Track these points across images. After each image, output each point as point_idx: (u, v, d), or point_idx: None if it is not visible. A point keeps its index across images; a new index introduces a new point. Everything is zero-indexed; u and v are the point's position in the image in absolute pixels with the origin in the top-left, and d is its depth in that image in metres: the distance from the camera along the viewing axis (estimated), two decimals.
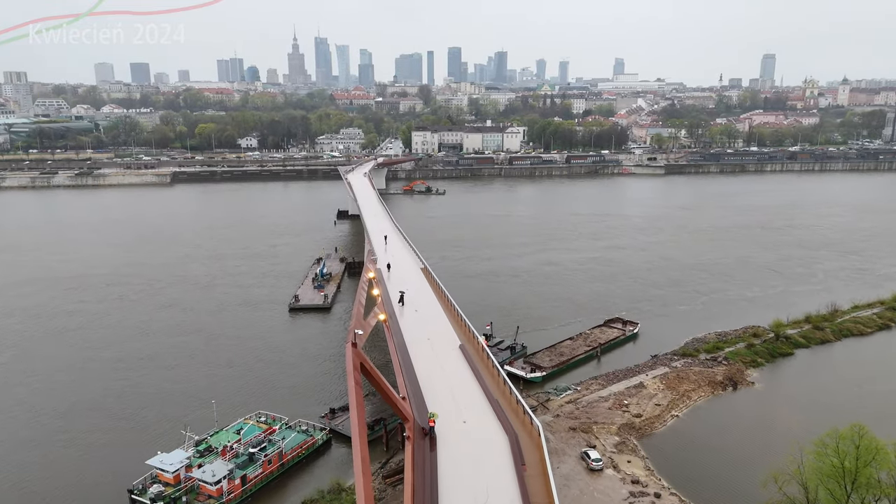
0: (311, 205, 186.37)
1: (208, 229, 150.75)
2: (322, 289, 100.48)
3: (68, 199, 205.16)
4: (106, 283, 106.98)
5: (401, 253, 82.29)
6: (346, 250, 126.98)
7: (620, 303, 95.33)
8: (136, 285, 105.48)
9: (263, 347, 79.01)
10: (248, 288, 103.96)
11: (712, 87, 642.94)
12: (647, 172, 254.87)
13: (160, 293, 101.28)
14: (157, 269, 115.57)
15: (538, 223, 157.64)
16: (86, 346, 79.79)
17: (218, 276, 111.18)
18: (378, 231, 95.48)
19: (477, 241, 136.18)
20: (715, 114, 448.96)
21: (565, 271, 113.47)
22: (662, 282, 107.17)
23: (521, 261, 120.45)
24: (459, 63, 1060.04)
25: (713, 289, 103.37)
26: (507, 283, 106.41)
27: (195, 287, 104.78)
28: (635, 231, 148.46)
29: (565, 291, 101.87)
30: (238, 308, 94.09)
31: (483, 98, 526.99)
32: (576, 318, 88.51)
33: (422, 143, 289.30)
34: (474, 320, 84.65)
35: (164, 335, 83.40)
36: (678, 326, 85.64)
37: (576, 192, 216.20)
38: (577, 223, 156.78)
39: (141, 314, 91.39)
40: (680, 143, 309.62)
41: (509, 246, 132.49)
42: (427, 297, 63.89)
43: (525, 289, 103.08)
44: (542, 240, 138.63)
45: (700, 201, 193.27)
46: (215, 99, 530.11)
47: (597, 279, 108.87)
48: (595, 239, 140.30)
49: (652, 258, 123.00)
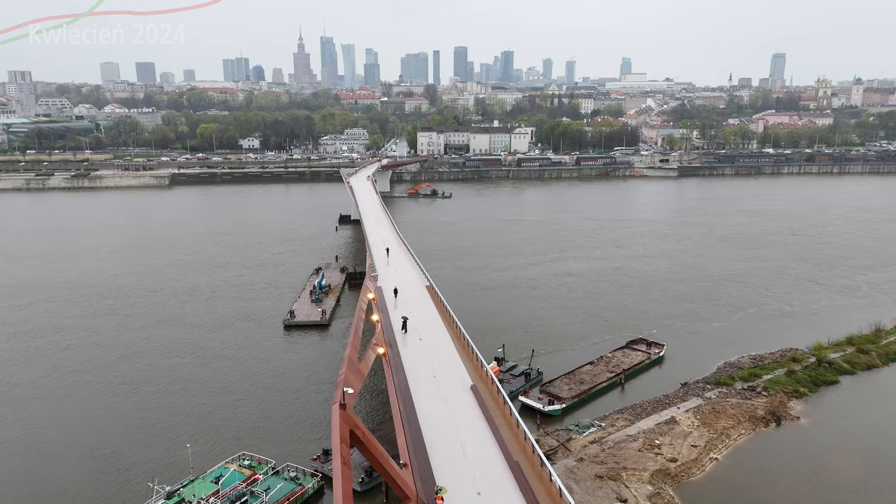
0: (312, 209, 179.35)
1: (209, 235, 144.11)
2: (320, 303, 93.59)
3: (64, 202, 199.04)
4: (101, 294, 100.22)
5: (404, 268, 75.17)
6: (348, 259, 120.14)
7: (645, 319, 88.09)
8: (133, 297, 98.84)
9: (258, 371, 71.99)
10: (249, 301, 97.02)
11: (722, 87, 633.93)
12: (659, 175, 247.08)
13: (157, 307, 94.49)
14: (154, 278, 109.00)
15: (554, 229, 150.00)
16: (71, 370, 72.78)
17: (219, 286, 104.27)
18: (380, 242, 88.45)
19: (489, 249, 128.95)
20: (726, 114, 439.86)
21: (587, 283, 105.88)
22: (691, 294, 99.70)
23: (537, 270, 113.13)
24: (465, 63, 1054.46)
25: (747, 302, 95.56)
26: (523, 295, 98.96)
27: (193, 299, 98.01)
28: (659, 238, 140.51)
29: (586, 305, 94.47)
30: (237, 324, 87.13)
31: (490, 98, 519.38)
32: (597, 338, 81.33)
33: (427, 143, 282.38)
34: (486, 338, 79.35)
35: (157, 356, 76.48)
36: (708, 348, 78.31)
37: (588, 196, 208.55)
38: (595, 229, 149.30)
39: (135, 331, 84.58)
40: (692, 144, 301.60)
41: (524, 254, 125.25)
42: (433, 322, 56.78)
43: (542, 302, 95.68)
44: (559, 247, 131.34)
45: (720, 205, 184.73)
46: (219, 99, 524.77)
47: (620, 291, 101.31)
48: (617, 246, 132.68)
49: (679, 268, 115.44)
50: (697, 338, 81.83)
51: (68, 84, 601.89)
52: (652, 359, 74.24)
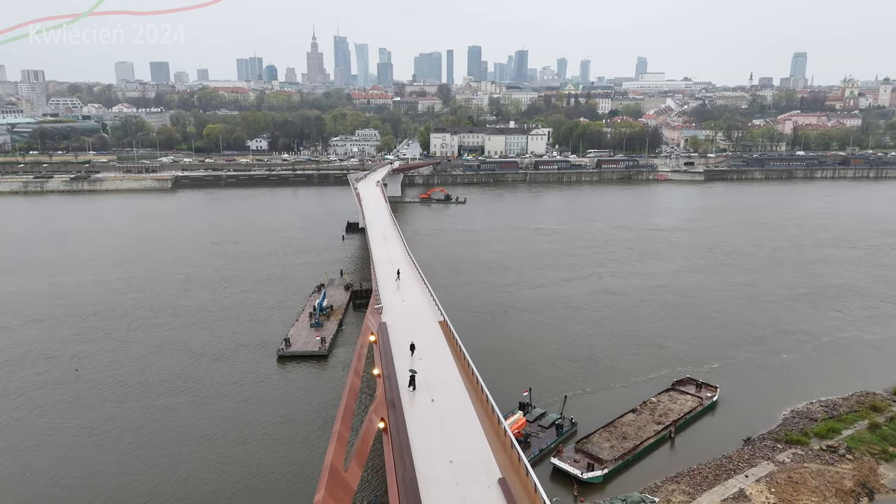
0: (319, 215, 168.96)
1: (214, 244, 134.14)
2: (320, 328, 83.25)
3: (62, 206, 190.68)
4: (98, 314, 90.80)
5: (414, 295, 64.41)
6: (354, 274, 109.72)
7: (702, 348, 77.51)
8: (132, 317, 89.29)
9: (244, 416, 61.82)
10: (257, 323, 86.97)
11: (743, 87, 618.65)
12: (685, 179, 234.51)
13: (157, 329, 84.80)
14: (156, 295, 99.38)
15: (585, 239, 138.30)
16: (51, 411, 62.77)
17: (225, 306, 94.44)
18: (387, 262, 77.74)
19: (518, 262, 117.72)
20: (748, 114, 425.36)
21: (631, 303, 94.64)
22: (753, 317, 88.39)
23: (574, 288, 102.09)
24: (479, 62, 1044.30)
25: (820, 328, 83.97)
26: (561, 318, 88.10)
27: (197, 320, 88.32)
28: (704, 250, 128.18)
29: (632, 331, 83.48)
30: (242, 351, 77.16)
31: (504, 97, 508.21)
32: (645, 372, 70.58)
33: (441, 145, 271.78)
34: (516, 374, 68.58)
35: (150, 393, 66.43)
36: (769, 390, 66.99)
37: (613, 201, 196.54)
38: (631, 240, 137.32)
39: (130, 361, 74.75)
40: (718, 146, 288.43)
41: (557, 268, 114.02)
42: (447, 373, 46.09)
43: (580, 327, 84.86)
44: (596, 260, 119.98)
45: (762, 213, 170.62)
46: (230, 98, 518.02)
47: (671, 314, 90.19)
48: (659, 260, 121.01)
49: (733, 285, 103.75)
50: (757, 376, 70.50)
51: (80, 83, 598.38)
52: (704, 405, 63.07)
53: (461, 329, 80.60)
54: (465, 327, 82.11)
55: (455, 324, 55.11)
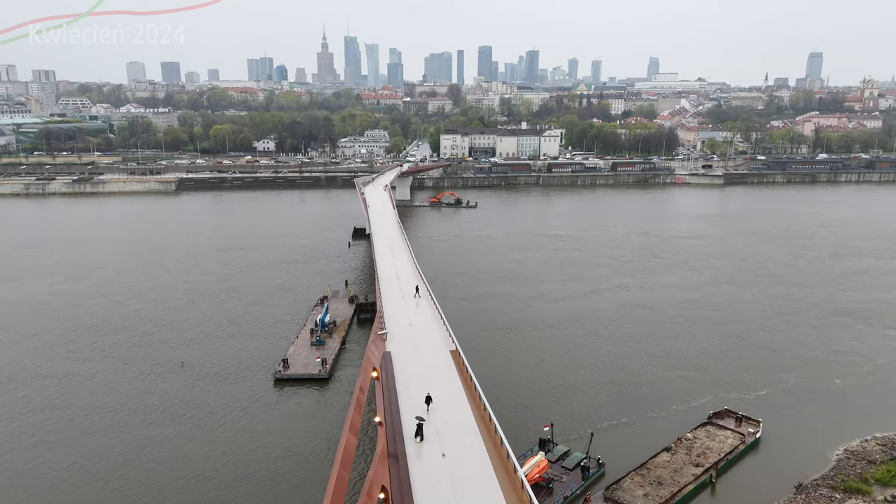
0: (326, 219, 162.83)
1: (220, 251, 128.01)
2: (321, 346, 77.28)
3: (64, 209, 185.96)
4: (98, 328, 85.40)
5: (424, 318, 57.98)
6: (360, 285, 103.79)
7: (739, 371, 71.06)
8: (133, 332, 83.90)
9: (238, 449, 56.01)
10: (262, 340, 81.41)
11: (758, 87, 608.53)
12: (703, 182, 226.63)
13: (158, 346, 79.17)
14: (160, 307, 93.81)
15: (608, 246, 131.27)
16: (34, 443, 57.21)
17: (233, 319, 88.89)
18: (392, 278, 71.34)
19: (541, 272, 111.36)
20: (765, 115, 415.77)
21: (665, 319, 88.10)
22: (800, 336, 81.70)
23: (602, 301, 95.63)
24: (490, 62, 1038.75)
25: (873, 348, 77.04)
26: (593, 336, 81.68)
27: (201, 335, 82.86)
28: (738, 260, 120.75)
29: (668, 350, 77.20)
30: (246, 374, 71.33)
31: (515, 98, 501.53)
32: (679, 400, 64.18)
33: (451, 146, 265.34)
34: (539, 406, 61.53)
35: (144, 422, 60.73)
36: (819, 423, 60.43)
37: (632, 206, 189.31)
38: (656, 248, 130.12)
39: (127, 383, 69.21)
40: (736, 148, 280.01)
41: (582, 279, 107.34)
42: (460, 418, 39.78)
43: (611, 346, 78.52)
44: (622, 270, 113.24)
45: (792, 220, 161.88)
46: (239, 98, 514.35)
47: (706, 332, 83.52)
48: (690, 270, 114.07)
49: (774, 299, 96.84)
50: (806, 405, 63.76)
51: (90, 83, 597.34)
52: (746, 442, 56.45)
53: (481, 347, 75.49)
54: (486, 346, 76.71)
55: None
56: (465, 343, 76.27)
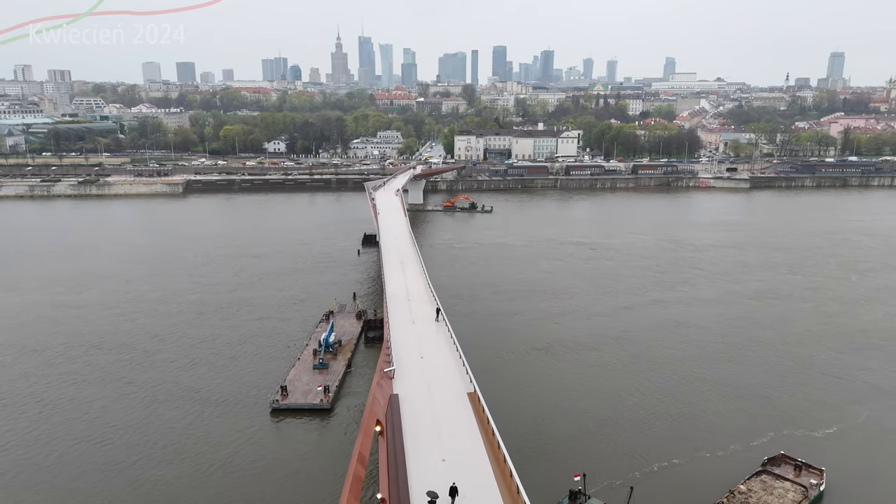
0: (335, 224, 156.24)
1: (231, 258, 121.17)
2: (324, 369, 70.48)
3: (69, 212, 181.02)
4: (101, 345, 78.90)
5: (438, 349, 50.93)
6: (368, 298, 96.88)
7: (805, 402, 63.51)
8: (137, 351, 77.39)
9: (230, 494, 49.47)
10: (268, 360, 74.76)
11: (780, 87, 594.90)
12: (728, 186, 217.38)
13: (162, 367, 72.48)
14: (167, 321, 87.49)
15: (638, 255, 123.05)
16: (15, 487, 51.04)
17: (242, 334, 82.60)
18: (402, 297, 64.30)
19: (566, 284, 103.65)
20: (787, 116, 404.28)
21: (709, 338, 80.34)
22: (863, 361, 73.36)
23: (636, 318, 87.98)
24: (504, 62, 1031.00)
25: None
26: (626, 361, 73.90)
27: (208, 354, 76.43)
28: (784, 272, 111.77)
29: (719, 377, 69.20)
30: (243, 400, 64.81)
31: (531, 98, 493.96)
32: (737, 437, 56.59)
33: (465, 148, 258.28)
34: (579, 444, 54.75)
35: (133, 464, 53.80)
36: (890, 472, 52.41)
37: (657, 212, 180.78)
38: (690, 258, 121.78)
39: (128, 410, 62.65)
40: (761, 150, 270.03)
41: (615, 292, 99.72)
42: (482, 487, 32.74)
43: (647, 371, 70.79)
44: (656, 281, 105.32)
45: (833, 226, 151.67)
46: (252, 98, 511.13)
47: (761, 354, 75.44)
48: (733, 282, 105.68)
49: (829, 317, 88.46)
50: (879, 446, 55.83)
51: (105, 84, 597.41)
52: (809, 497, 48.72)
53: (511, 372, 68.39)
54: (516, 370, 69.71)
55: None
56: (493, 367, 69.76)
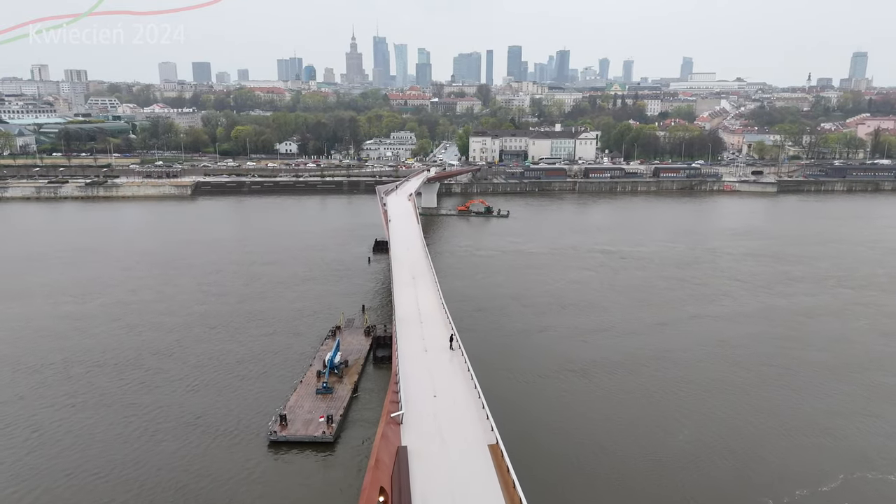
0: (347, 229, 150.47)
1: (243, 267, 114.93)
2: (328, 394, 64.36)
3: (76, 214, 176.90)
4: (102, 363, 73.17)
5: (452, 386, 44.59)
6: (378, 311, 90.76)
7: (868, 437, 56.46)
8: (139, 368, 71.64)
9: None
10: (276, 380, 68.84)
11: (802, 88, 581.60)
12: (755, 190, 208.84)
13: (158, 392, 66.18)
14: (172, 336, 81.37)
15: (677, 266, 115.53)
16: None
17: (250, 351, 76.87)
18: (413, 320, 57.98)
19: (596, 297, 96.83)
20: (811, 117, 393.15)
21: (758, 361, 72.80)
22: None
23: (676, 335, 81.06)
24: (520, 62, 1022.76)
25: None
26: (664, 386, 66.91)
27: (208, 375, 70.38)
28: (833, 285, 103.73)
29: (768, 405, 62.24)
30: (243, 429, 59.04)
31: (547, 98, 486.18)
32: (803, 481, 49.62)
33: (481, 150, 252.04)
34: (622, 491, 46.18)
35: None
36: None
37: (682, 217, 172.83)
38: (732, 268, 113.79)
39: (120, 451, 55.93)
40: (787, 153, 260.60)
41: (648, 305, 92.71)
42: None
43: (696, 397, 63.90)
44: (699, 295, 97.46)
45: (874, 235, 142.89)
46: (266, 98, 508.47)
47: (813, 381, 68.23)
48: (776, 295, 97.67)
49: (890, 337, 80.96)
50: None
51: (120, 83, 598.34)
52: None
53: (542, 404, 60.80)
54: (548, 399, 63.01)
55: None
56: (520, 396, 62.96)
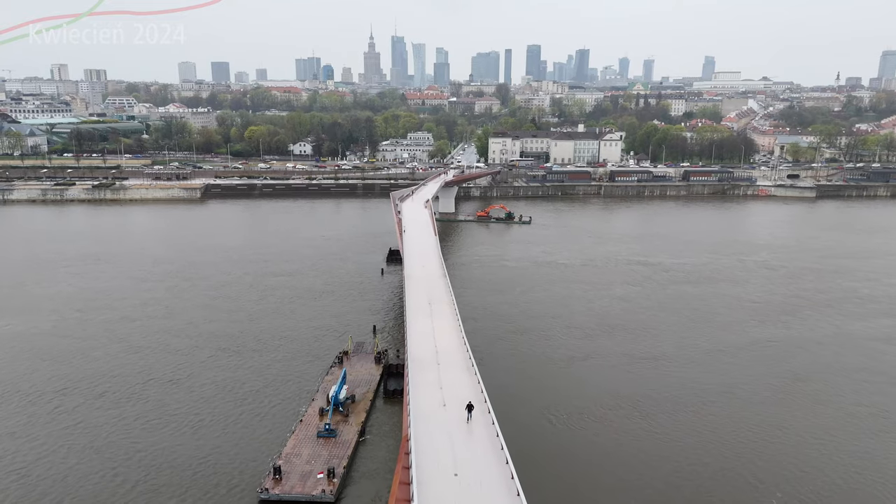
0: (360, 235, 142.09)
1: (256, 278, 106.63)
2: (331, 438, 55.91)
3: (81, 218, 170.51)
4: (101, 394, 65.60)
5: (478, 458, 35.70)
6: (391, 333, 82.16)
7: None
8: (137, 399, 64.56)
9: None
10: (284, 419, 60.69)
11: (832, 87, 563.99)
12: (793, 195, 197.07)
13: (164, 436, 58.17)
14: (178, 360, 73.96)
15: (730, 281, 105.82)
16: None
17: (263, 379, 69.20)
18: (429, 362, 48.97)
19: (647, 318, 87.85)
20: (843, 117, 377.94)
21: (843, 401, 64.11)
22: None
23: (741, 365, 72.09)
24: (538, 61, 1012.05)
25: None
26: (740, 433, 57.58)
27: (213, 410, 62.49)
28: None
29: (860, 467, 52.81)
30: (236, 483, 50.87)
31: (567, 98, 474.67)
32: None
33: (500, 151, 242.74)
34: None
35: None
36: None
37: (718, 224, 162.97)
38: (795, 286, 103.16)
39: (110, 488, 49.61)
40: (822, 154, 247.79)
41: (705, 325, 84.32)
42: None
43: (781, 446, 55.11)
44: (763, 316, 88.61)
45: None
46: (282, 98, 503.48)
47: None
48: (847, 316, 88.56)
49: None
50: None
51: (138, 83, 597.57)
52: None
53: (594, 459, 52.37)
54: (600, 452, 54.19)
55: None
56: (571, 442, 54.05)
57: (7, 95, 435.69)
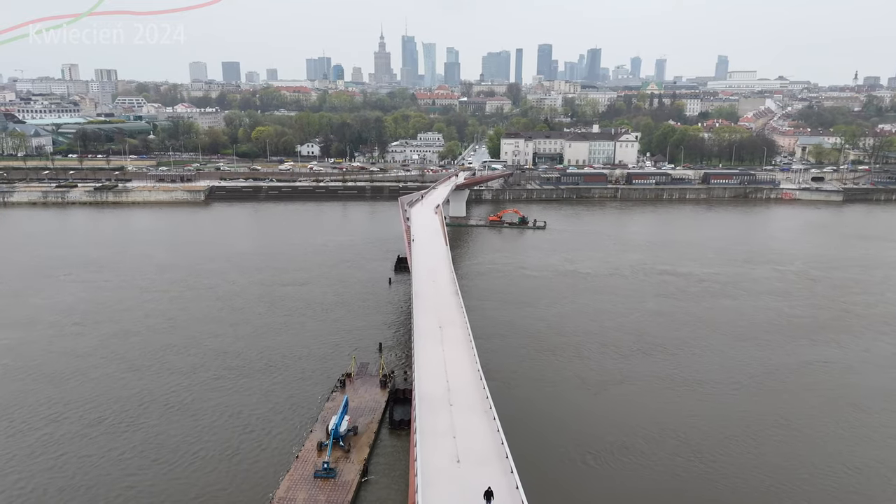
0: (369, 241, 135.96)
1: (265, 288, 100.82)
2: (329, 478, 49.84)
3: (83, 222, 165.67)
4: (99, 423, 59.90)
5: None
6: (398, 350, 76.03)
7: None
8: (135, 428, 59.13)
9: None
10: (283, 456, 54.85)
11: (850, 86, 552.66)
12: (818, 199, 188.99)
13: (152, 478, 52.07)
14: (181, 381, 68.61)
15: (770, 293, 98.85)
16: None
17: (271, 403, 63.62)
18: (440, 401, 42.49)
19: (681, 335, 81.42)
20: (864, 117, 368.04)
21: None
22: None
23: (784, 393, 65.47)
24: (550, 61, 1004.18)
25: None
26: (789, 481, 50.96)
27: (210, 440, 57.07)
28: None
29: None
30: None
31: (580, 98, 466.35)
32: None
33: (513, 152, 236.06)
34: None
35: None
36: None
37: (742, 229, 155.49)
38: (836, 298, 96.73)
39: None
40: (846, 156, 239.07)
41: (747, 342, 78.07)
42: None
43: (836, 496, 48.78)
44: (808, 332, 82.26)
45: None
46: (292, 98, 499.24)
47: None
48: None
49: None
50: None
51: (148, 83, 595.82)
52: None
53: None
54: (654, 497, 48.07)
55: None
56: (610, 493, 47.75)
57: (17, 95, 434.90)
